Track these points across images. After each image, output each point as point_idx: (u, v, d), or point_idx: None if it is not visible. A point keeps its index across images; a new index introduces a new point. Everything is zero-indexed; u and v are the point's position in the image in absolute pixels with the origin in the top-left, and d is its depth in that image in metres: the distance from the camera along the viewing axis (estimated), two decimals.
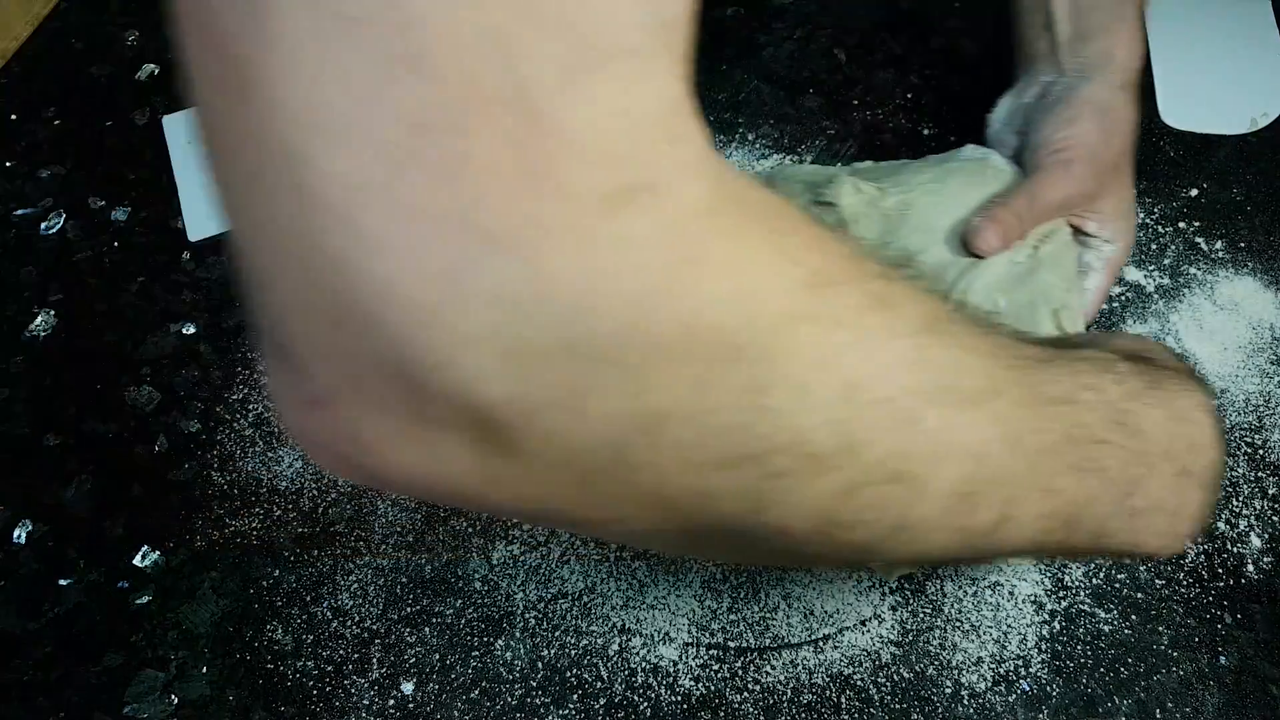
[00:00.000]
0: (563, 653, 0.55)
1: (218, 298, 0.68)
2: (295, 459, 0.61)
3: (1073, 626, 0.56)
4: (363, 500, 0.60)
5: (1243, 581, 0.57)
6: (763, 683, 0.54)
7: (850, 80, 0.81)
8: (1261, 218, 0.72)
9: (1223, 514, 0.59)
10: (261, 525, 0.59)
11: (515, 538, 0.58)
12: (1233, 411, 0.63)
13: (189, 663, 0.54)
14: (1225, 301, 0.68)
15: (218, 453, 0.62)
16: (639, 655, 0.55)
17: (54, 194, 0.73)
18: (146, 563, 0.58)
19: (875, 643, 0.55)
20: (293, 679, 0.54)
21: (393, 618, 0.56)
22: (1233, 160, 0.76)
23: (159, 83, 0.80)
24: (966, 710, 0.53)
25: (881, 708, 0.53)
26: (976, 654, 0.55)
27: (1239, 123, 0.78)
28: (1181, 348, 0.66)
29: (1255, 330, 0.67)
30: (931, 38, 0.83)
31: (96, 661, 0.54)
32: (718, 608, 0.56)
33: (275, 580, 0.57)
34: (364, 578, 0.57)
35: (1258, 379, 0.65)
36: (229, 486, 0.60)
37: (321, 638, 0.55)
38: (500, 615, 0.56)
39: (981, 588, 0.57)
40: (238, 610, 0.56)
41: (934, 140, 0.76)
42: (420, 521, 0.59)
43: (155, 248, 0.70)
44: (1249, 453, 0.62)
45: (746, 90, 0.80)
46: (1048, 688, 0.54)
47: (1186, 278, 0.69)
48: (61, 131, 0.77)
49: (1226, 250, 0.71)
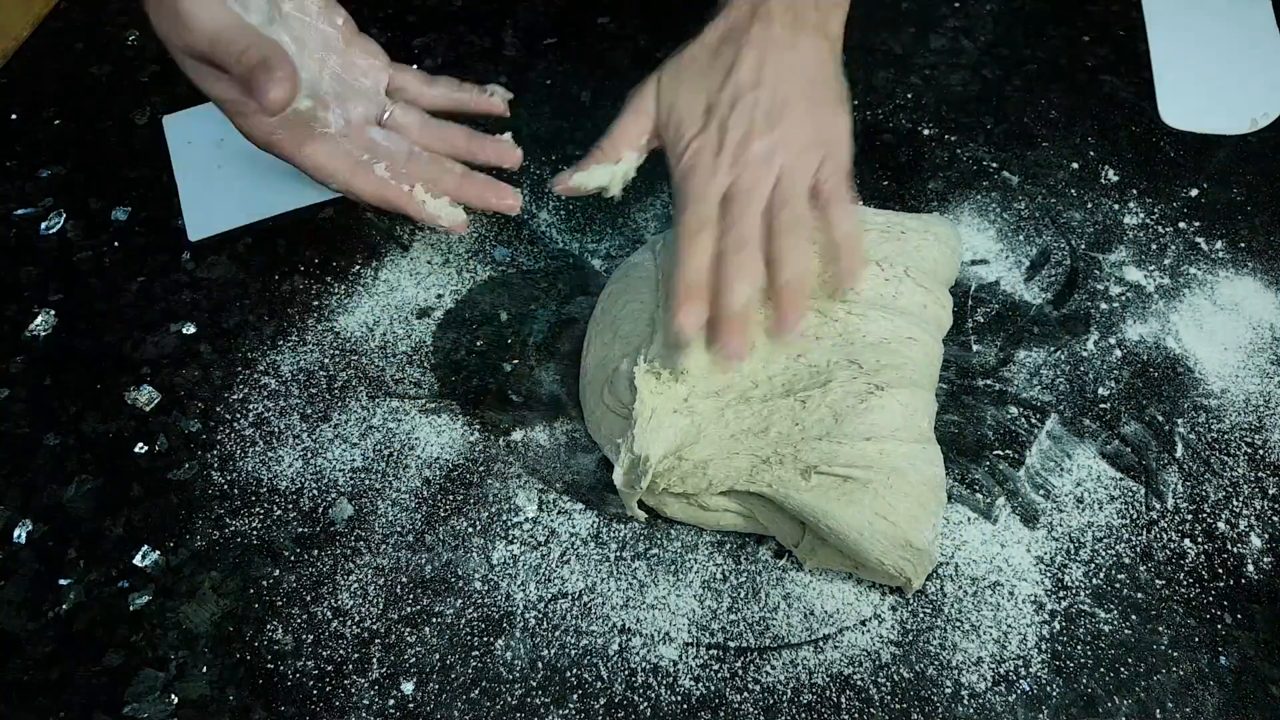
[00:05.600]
0: (563, 653, 0.55)
1: (218, 298, 0.68)
2: (295, 459, 0.61)
3: (1073, 626, 0.56)
4: (363, 500, 0.60)
5: (1243, 581, 0.57)
6: (763, 683, 0.54)
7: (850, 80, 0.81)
8: (1261, 218, 0.72)
9: (1223, 514, 0.59)
10: (261, 525, 0.59)
11: (515, 538, 0.58)
12: (1233, 411, 0.63)
13: (189, 663, 0.54)
14: (1225, 301, 0.68)
15: (218, 453, 0.62)
16: (639, 655, 0.55)
17: (54, 194, 0.73)
18: (146, 563, 0.58)
19: (875, 643, 0.55)
20: (293, 679, 0.54)
21: (393, 618, 0.56)
22: (1233, 160, 0.76)
23: (159, 83, 0.80)
24: (966, 710, 0.53)
25: (881, 708, 0.53)
26: (976, 654, 0.55)
27: (1239, 123, 0.78)
28: (1181, 348, 0.66)
29: (1255, 330, 0.67)
30: (931, 38, 0.83)
31: (96, 661, 0.54)
32: (718, 608, 0.56)
33: (275, 580, 0.57)
34: (364, 578, 0.57)
35: (1258, 379, 0.65)
36: (229, 486, 0.60)
37: (321, 638, 0.55)
38: (500, 615, 0.56)
39: (981, 588, 0.57)
40: (238, 610, 0.56)
41: (934, 140, 0.76)
42: (420, 521, 0.59)
43: (155, 248, 0.71)
44: (1249, 453, 0.62)
45: None
46: (1048, 688, 0.54)
47: (1186, 278, 0.69)
48: (61, 131, 0.77)
49: (1227, 250, 0.71)
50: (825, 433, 0.53)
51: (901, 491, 0.52)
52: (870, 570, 0.54)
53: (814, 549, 0.55)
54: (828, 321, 0.57)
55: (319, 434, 0.62)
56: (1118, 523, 0.59)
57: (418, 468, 0.61)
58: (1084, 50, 0.82)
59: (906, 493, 0.52)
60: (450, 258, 0.70)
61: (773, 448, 0.53)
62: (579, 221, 0.72)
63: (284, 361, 0.65)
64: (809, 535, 0.55)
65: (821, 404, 0.54)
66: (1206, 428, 0.63)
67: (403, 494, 0.60)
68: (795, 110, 0.55)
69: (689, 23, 0.59)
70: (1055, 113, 0.78)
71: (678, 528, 0.59)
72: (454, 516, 0.59)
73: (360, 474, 0.61)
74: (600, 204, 0.73)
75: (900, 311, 0.57)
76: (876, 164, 0.75)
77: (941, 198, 0.73)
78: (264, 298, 0.68)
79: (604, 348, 0.60)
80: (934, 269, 0.60)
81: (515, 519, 0.59)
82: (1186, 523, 0.59)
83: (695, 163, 0.55)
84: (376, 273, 0.69)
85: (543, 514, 0.59)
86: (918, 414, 0.55)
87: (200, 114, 0.76)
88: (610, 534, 0.59)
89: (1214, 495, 0.60)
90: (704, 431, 0.54)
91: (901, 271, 0.58)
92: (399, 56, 0.63)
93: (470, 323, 0.67)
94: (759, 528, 0.56)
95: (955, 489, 0.60)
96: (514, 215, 0.70)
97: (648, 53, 0.82)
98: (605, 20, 0.84)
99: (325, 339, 0.66)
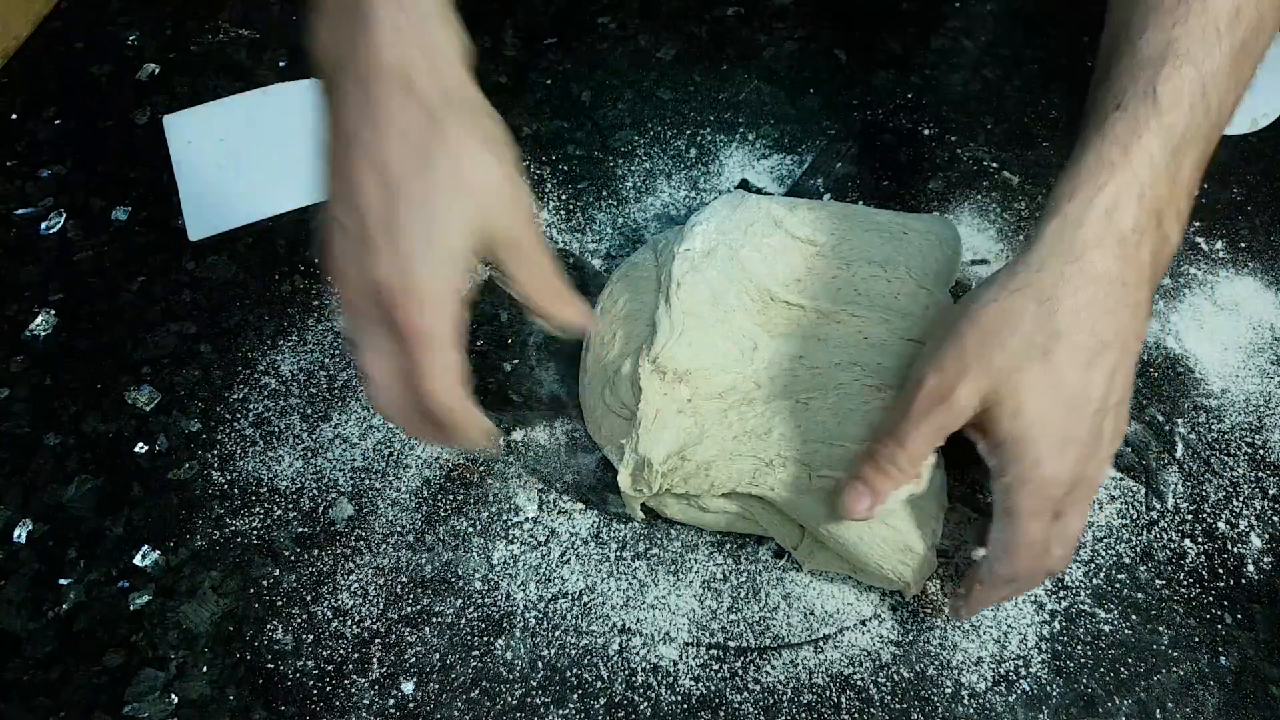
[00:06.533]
0: (563, 653, 0.55)
1: (218, 298, 0.68)
2: (295, 459, 0.61)
3: (1073, 626, 0.56)
4: (363, 500, 0.60)
5: (1243, 581, 0.57)
6: (763, 683, 0.54)
7: (850, 80, 0.81)
8: (1262, 218, 0.72)
9: (1223, 514, 0.59)
10: (261, 525, 0.59)
11: (515, 538, 0.58)
12: (1233, 411, 0.63)
13: (189, 662, 0.54)
14: (1225, 301, 0.68)
15: (218, 453, 0.62)
16: (639, 655, 0.55)
17: (54, 194, 0.73)
18: (146, 562, 0.58)
19: (875, 643, 0.55)
20: (293, 679, 0.54)
21: (393, 618, 0.56)
22: (1233, 160, 0.76)
23: (159, 83, 0.80)
24: (966, 710, 0.53)
25: (881, 708, 0.53)
26: (976, 654, 0.55)
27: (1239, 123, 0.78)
28: (1181, 348, 0.66)
29: (1255, 330, 0.67)
30: (931, 38, 0.83)
31: (96, 661, 0.54)
32: (718, 608, 0.56)
33: (275, 580, 0.57)
34: (364, 578, 0.57)
35: (1258, 379, 0.65)
36: (229, 486, 0.60)
37: (321, 638, 0.55)
38: (500, 615, 0.56)
39: None
40: (238, 610, 0.56)
41: (934, 140, 0.76)
42: (420, 521, 0.59)
43: (155, 248, 0.71)
44: (1249, 453, 0.62)
45: (746, 90, 0.80)
46: (1048, 688, 0.54)
47: (1186, 278, 0.69)
48: (61, 131, 0.77)
49: (1227, 250, 0.71)
50: (827, 435, 0.53)
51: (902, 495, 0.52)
52: (869, 574, 0.54)
53: (813, 551, 0.55)
54: (829, 323, 0.57)
55: (319, 434, 0.62)
56: (1118, 523, 0.59)
57: (418, 467, 0.61)
58: (1084, 50, 0.82)
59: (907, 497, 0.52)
60: None
61: (775, 450, 0.53)
62: (579, 221, 0.72)
63: (284, 361, 0.65)
64: (808, 538, 0.55)
65: (823, 406, 0.54)
66: (1207, 428, 0.63)
67: (403, 494, 0.60)
68: None
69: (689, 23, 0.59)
70: (1055, 113, 0.78)
71: (678, 528, 0.59)
72: (454, 516, 0.59)
73: (360, 474, 0.61)
74: (600, 204, 0.73)
75: (901, 312, 0.57)
76: (876, 164, 0.75)
77: (941, 198, 0.73)
78: (264, 298, 0.68)
79: (604, 348, 0.60)
80: (935, 269, 0.60)
81: (515, 519, 0.59)
82: (1186, 523, 0.59)
83: (1036, 509, 0.46)
84: None
85: (543, 514, 0.59)
86: None
87: (200, 114, 0.76)
88: (610, 534, 0.59)
89: (1214, 495, 0.60)
90: (707, 432, 0.54)
91: (903, 272, 0.58)
92: None
93: (470, 323, 0.67)
94: (758, 529, 0.56)
95: (956, 489, 0.60)
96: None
97: (648, 53, 0.82)
98: (605, 20, 0.84)
99: (325, 339, 0.66)
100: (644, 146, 0.76)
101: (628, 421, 0.56)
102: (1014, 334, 0.46)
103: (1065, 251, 0.46)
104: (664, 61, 0.81)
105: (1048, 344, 0.45)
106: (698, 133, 0.77)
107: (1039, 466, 0.46)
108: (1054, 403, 0.45)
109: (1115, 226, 0.46)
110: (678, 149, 0.76)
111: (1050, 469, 0.45)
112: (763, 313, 0.58)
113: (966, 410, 0.47)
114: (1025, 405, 0.45)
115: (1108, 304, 0.46)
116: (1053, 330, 0.45)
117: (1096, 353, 0.46)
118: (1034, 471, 0.46)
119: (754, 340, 0.56)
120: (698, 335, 0.56)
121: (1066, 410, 0.46)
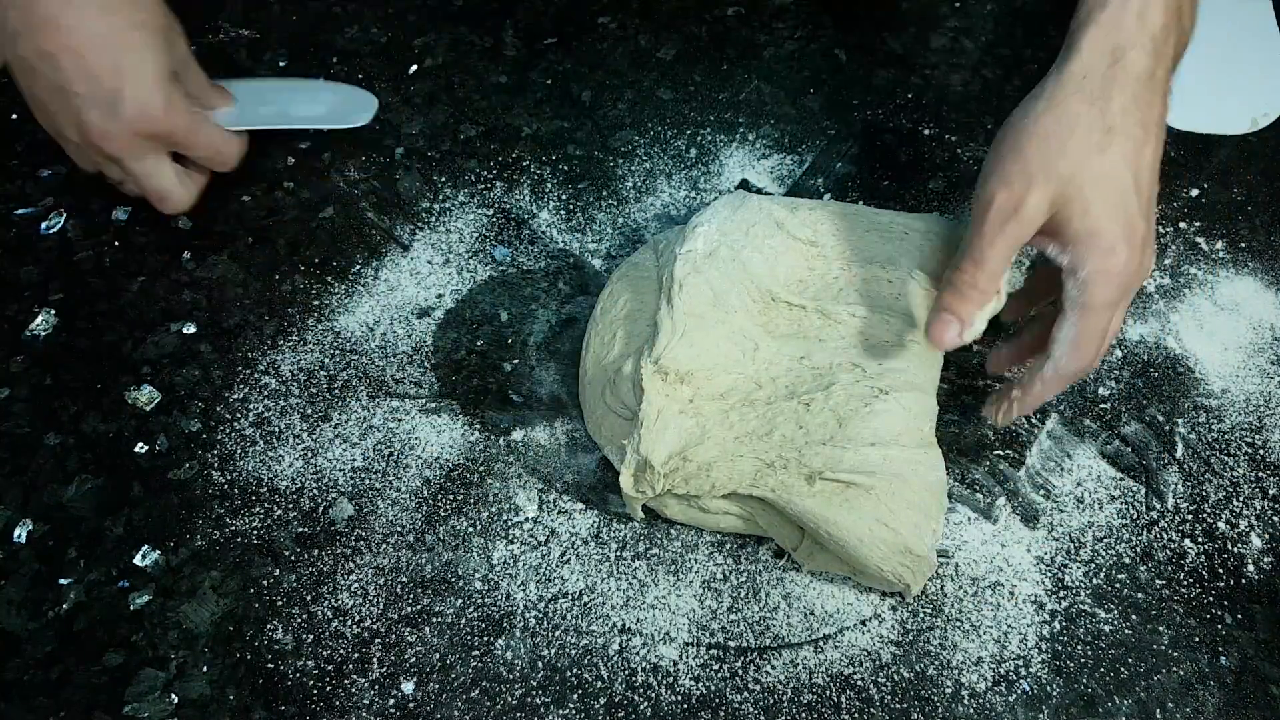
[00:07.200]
0: (563, 653, 0.55)
1: (218, 298, 0.68)
2: (295, 458, 0.61)
3: (1073, 626, 0.56)
4: (363, 500, 0.60)
5: (1243, 581, 0.57)
6: (763, 683, 0.54)
7: (850, 80, 0.81)
8: (1262, 218, 0.72)
9: (1223, 514, 0.59)
10: (261, 525, 0.59)
11: (515, 538, 0.58)
12: (1233, 411, 0.63)
13: (189, 662, 0.54)
14: (1226, 301, 0.68)
15: (218, 453, 0.62)
16: (639, 655, 0.55)
17: (54, 194, 0.73)
18: (146, 562, 0.58)
19: (875, 643, 0.55)
20: (293, 679, 0.54)
21: (393, 618, 0.56)
22: (1233, 160, 0.76)
23: None
24: (966, 710, 0.53)
25: (881, 708, 0.53)
26: (976, 654, 0.55)
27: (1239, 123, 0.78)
28: (1182, 348, 0.66)
29: (1256, 330, 0.67)
30: (931, 38, 0.83)
31: (96, 661, 0.54)
32: (718, 608, 0.56)
33: (275, 580, 0.57)
34: (364, 578, 0.57)
35: (1258, 379, 0.65)
36: (229, 486, 0.60)
37: (321, 637, 0.55)
38: (500, 615, 0.56)
39: (982, 588, 0.57)
40: (238, 610, 0.56)
41: (934, 140, 0.76)
42: (420, 521, 0.59)
43: (155, 248, 0.71)
44: (1249, 453, 0.62)
45: (746, 90, 0.80)
46: (1048, 688, 0.54)
47: (1187, 278, 0.69)
48: None
49: (1227, 250, 0.71)
50: (829, 437, 0.53)
51: (903, 498, 0.52)
52: (869, 576, 0.54)
53: (813, 553, 0.55)
54: (830, 323, 0.57)
55: (319, 434, 0.62)
56: (1118, 523, 0.59)
57: (418, 467, 0.61)
58: None
59: (908, 499, 0.52)
60: (450, 258, 0.70)
61: (777, 451, 0.53)
62: (579, 221, 0.72)
63: (284, 361, 0.65)
64: (808, 539, 0.55)
65: (825, 407, 0.54)
66: (1207, 428, 0.63)
67: (403, 494, 0.60)
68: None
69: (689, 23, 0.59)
70: None
71: (678, 528, 0.59)
72: (454, 516, 0.59)
73: (360, 474, 0.61)
74: (600, 204, 0.73)
75: (902, 313, 0.57)
76: (876, 164, 0.75)
77: (941, 198, 0.73)
78: (264, 298, 0.68)
79: (604, 348, 0.60)
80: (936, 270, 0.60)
81: (515, 519, 0.59)
82: (1187, 523, 0.59)
83: (1111, 298, 0.51)
84: (376, 272, 0.69)
85: (543, 514, 0.59)
86: (920, 418, 0.55)
87: None
88: (610, 534, 0.59)
89: (1214, 495, 0.60)
90: (708, 433, 0.54)
91: (904, 273, 0.58)
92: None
93: (470, 323, 0.67)
94: (758, 530, 0.56)
95: (956, 489, 0.60)
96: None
97: (648, 53, 0.82)
98: (605, 20, 0.84)
99: (325, 339, 0.66)
100: (644, 146, 0.76)
101: (628, 422, 0.56)
102: (1071, 136, 0.50)
103: (1107, 55, 0.51)
104: (664, 61, 0.81)
105: (1103, 141, 0.50)
106: (698, 133, 0.77)
107: (1114, 255, 0.50)
108: (1117, 194, 0.50)
109: (1147, 26, 0.51)
110: (678, 149, 0.76)
111: (1123, 255, 0.50)
112: (764, 313, 0.58)
113: (1037, 219, 0.50)
114: (1093, 201, 0.50)
115: (1147, 97, 0.51)
116: (1107, 127, 0.50)
117: (1143, 143, 0.51)
118: (1110, 260, 0.50)
119: (755, 341, 0.56)
120: (699, 336, 0.56)
121: (1127, 199, 0.50)
